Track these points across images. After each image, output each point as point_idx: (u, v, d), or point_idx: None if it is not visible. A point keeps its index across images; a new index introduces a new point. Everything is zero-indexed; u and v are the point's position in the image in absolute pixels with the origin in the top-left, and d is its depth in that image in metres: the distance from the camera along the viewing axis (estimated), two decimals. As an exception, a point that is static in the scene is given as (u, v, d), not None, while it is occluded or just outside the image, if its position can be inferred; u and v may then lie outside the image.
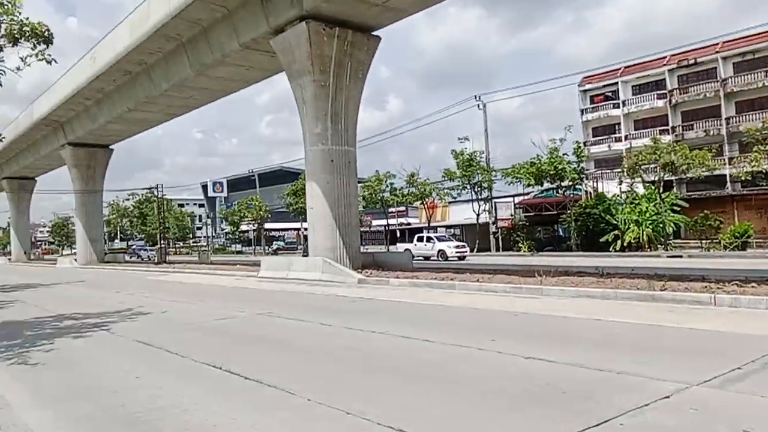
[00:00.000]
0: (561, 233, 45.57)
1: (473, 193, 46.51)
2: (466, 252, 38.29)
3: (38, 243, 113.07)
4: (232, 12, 25.43)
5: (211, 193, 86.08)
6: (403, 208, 60.68)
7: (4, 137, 13.53)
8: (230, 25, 25.97)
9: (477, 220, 46.48)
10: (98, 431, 5.50)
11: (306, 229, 33.94)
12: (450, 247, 37.94)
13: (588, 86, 55.86)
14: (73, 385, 7.45)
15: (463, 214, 51.41)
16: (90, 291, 23.45)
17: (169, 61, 31.45)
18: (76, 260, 52.50)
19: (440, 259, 36.47)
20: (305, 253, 36.29)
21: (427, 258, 37.67)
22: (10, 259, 75.49)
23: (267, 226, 72.60)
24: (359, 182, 30.88)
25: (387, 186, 54.25)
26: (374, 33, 24.73)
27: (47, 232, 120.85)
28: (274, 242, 71.80)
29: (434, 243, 38.91)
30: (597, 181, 45.49)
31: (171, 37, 28.90)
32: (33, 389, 7.30)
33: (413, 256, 33.12)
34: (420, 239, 40.17)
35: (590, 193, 43.95)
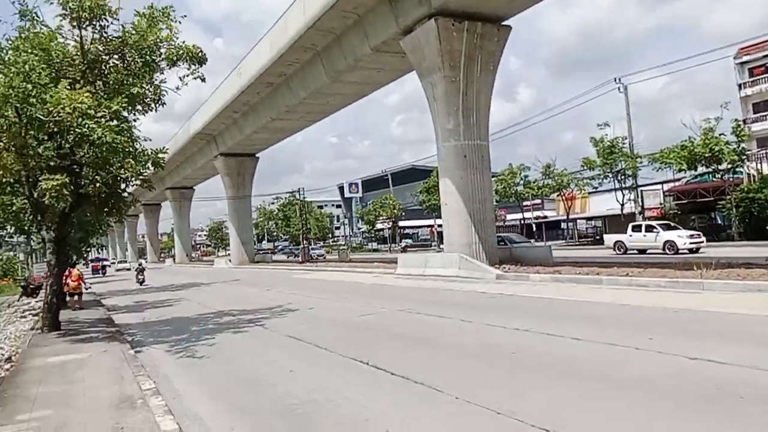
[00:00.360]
0: (719, 221, 41.43)
1: (616, 181, 43.75)
2: (702, 243, 30.16)
3: (197, 246, 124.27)
4: (363, 17, 26.14)
5: (347, 194, 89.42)
6: (538, 201, 58.73)
7: (167, 149, 14.94)
8: (361, 30, 26.72)
9: (621, 210, 43.65)
10: (261, 422, 5.88)
11: (440, 226, 33.98)
12: (682, 237, 29.83)
13: (746, 58, 50.16)
14: (234, 377, 8.06)
15: (605, 204, 48.52)
16: (244, 289, 25.31)
17: (306, 70, 33.05)
18: (230, 261, 56.97)
19: (667, 252, 29.37)
20: (440, 250, 36.37)
21: (642, 252, 31.29)
22: (174, 261, 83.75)
23: (401, 223, 73.89)
24: (492, 176, 30.33)
25: (521, 179, 52.80)
26: (504, 23, 24.18)
27: (205, 235, 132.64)
28: (402, 240, 72.76)
29: (658, 233, 31.05)
30: (761, 162, 40.75)
31: (307, 47, 30.35)
32: (201, 381, 8.00)
33: (626, 250, 31.60)
34: (637, 228, 32.53)
35: (753, 175, 39.48)
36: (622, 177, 43.18)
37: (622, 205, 43.53)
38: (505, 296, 15.22)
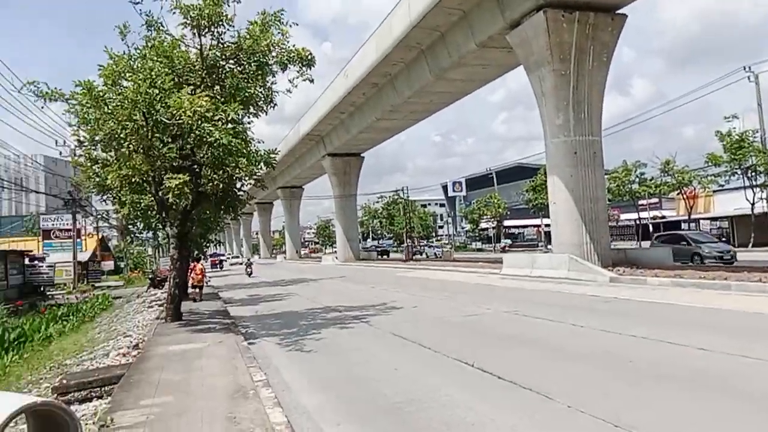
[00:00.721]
0: None
1: (745, 179, 40.04)
2: None
3: (306, 243, 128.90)
4: (468, 13, 25.79)
5: (450, 193, 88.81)
6: (655, 200, 55.12)
7: (278, 150, 15.47)
8: (466, 26, 26.37)
9: (752, 210, 39.95)
10: (365, 417, 5.89)
11: (548, 226, 32.83)
12: None
13: None
14: (341, 372, 8.17)
15: (732, 203, 44.56)
16: (349, 285, 25.84)
17: (411, 69, 33.16)
18: (336, 258, 58.52)
19: None
20: (547, 250, 35.14)
21: None
22: (285, 257, 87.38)
23: (506, 223, 72.34)
24: (605, 174, 28.82)
25: (636, 176, 49.73)
26: (619, 11, 22.87)
27: (313, 233, 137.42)
28: (502, 240, 70.89)
29: None
30: None
31: (412, 46, 30.43)
32: (308, 374, 8.18)
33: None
34: None
35: None
36: (753, 174, 39.47)
37: (753, 204, 39.81)
38: (620, 300, 14.36)
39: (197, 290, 21.16)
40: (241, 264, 62.29)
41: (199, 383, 7.27)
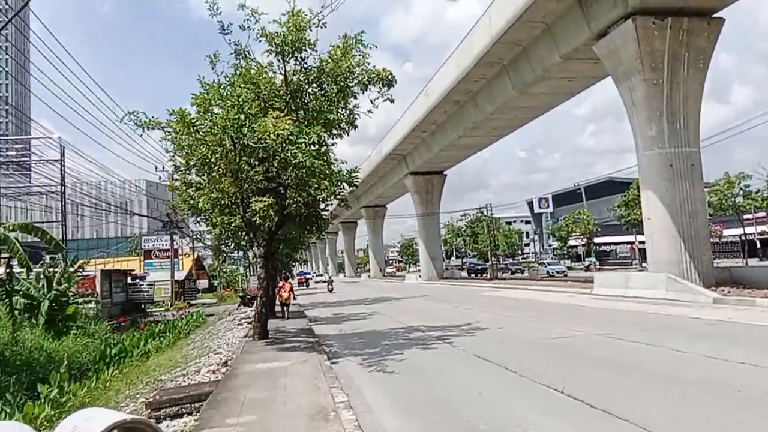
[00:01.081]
0: None
1: None
2: None
3: (390, 261, 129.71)
4: (551, 26, 25.19)
5: (536, 210, 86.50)
6: (763, 214, 51.09)
7: (359, 169, 15.62)
8: (550, 39, 25.76)
9: None
10: (448, 444, 5.69)
11: (642, 243, 31.14)
12: None
13: None
14: (423, 395, 7.99)
15: None
16: (432, 304, 25.56)
17: (492, 85, 32.77)
18: (420, 276, 58.31)
19: None
20: (642, 269, 33.28)
21: None
22: (369, 276, 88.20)
23: (597, 240, 69.41)
24: (704, 187, 27.03)
25: (740, 189, 46.36)
26: (715, 15, 21.54)
27: (396, 251, 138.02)
28: (587, 258, 67.37)
29: None
30: None
31: (493, 62, 30.09)
32: (390, 396, 8.06)
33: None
34: None
35: None
36: None
37: None
38: (725, 323, 13.27)
39: (285, 308, 21.78)
40: (324, 282, 64.29)
41: (282, 402, 7.33)
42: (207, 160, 12.66)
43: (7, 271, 16.79)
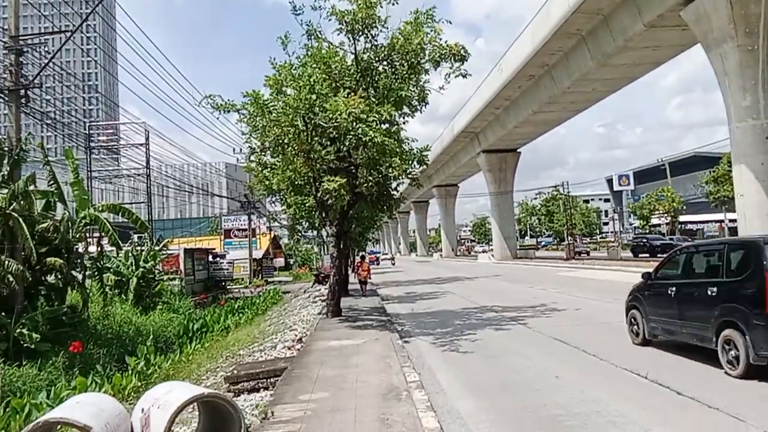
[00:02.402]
0: None
1: None
2: None
3: (462, 240, 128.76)
4: (634, -9, 23.81)
5: (616, 187, 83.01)
6: None
7: (430, 147, 15.40)
8: (632, 6, 24.34)
9: None
10: (523, 428, 5.51)
11: (732, 221, 29.26)
12: None
13: None
14: (496, 377, 7.81)
15: None
16: (505, 284, 25.11)
17: (570, 57, 31.45)
18: (492, 256, 57.51)
19: None
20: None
21: None
22: (441, 255, 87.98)
23: (682, 218, 65.90)
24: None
25: None
26: (822, -29, 19.63)
27: (468, 230, 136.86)
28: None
29: None
30: None
31: (571, 33, 28.82)
32: (463, 377, 7.93)
33: None
34: None
35: None
36: None
37: None
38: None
39: (364, 285, 23.02)
40: (389, 259, 74.59)
41: (354, 380, 7.37)
42: (280, 141, 12.83)
43: (98, 249, 17.80)
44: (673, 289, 8.14)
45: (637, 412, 5.72)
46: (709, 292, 7.22)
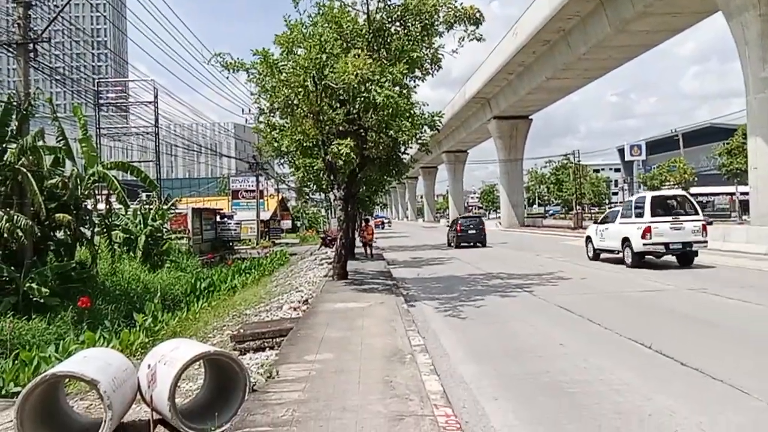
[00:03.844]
0: None
1: None
2: None
3: (470, 207, 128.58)
4: (656, -45, 23.08)
5: (628, 157, 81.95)
6: None
7: (443, 113, 15.18)
8: (653, -30, 23.68)
9: None
10: (526, 394, 5.53)
11: (743, 194, 28.96)
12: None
13: None
14: (500, 343, 7.83)
15: None
16: (512, 252, 25.10)
17: (587, 23, 30.74)
18: (500, 223, 57.45)
19: None
20: (741, 222, 31.03)
21: None
22: (448, 222, 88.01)
23: (693, 190, 65.29)
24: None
25: None
26: None
27: (477, 197, 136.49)
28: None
29: None
30: None
31: (589, -3, 28.15)
32: (467, 342, 7.96)
33: None
34: None
35: None
36: None
37: None
38: (839, 284, 12.16)
39: (369, 248, 24.01)
40: (388, 222, 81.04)
41: (359, 342, 7.41)
42: (289, 102, 12.67)
43: (107, 206, 17.86)
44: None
45: (640, 380, 5.72)
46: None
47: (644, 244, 15.46)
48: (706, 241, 15.78)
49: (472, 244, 28.34)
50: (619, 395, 5.31)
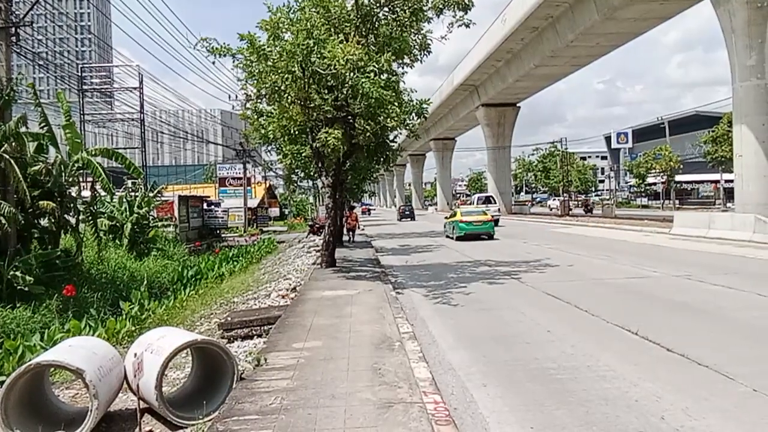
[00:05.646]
0: None
1: None
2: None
3: (457, 195, 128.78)
4: (644, -59, 23.05)
5: (614, 145, 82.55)
6: None
7: (431, 100, 15.11)
8: (641, -44, 23.64)
9: None
10: (514, 381, 5.55)
11: (728, 182, 29.25)
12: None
13: None
14: (488, 330, 7.86)
15: None
16: (500, 239, 25.16)
17: (575, 9, 30.70)
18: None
19: None
20: (725, 209, 31.39)
21: None
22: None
23: (678, 178, 65.88)
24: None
25: None
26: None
27: (464, 185, 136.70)
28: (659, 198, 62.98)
29: None
30: None
31: (578, -17, 28.09)
32: (455, 330, 7.98)
33: None
34: None
35: None
36: None
37: None
38: (821, 270, 12.33)
39: (351, 233, 25.62)
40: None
41: (347, 330, 7.40)
42: (277, 88, 12.53)
43: (92, 194, 17.64)
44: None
45: (626, 366, 5.77)
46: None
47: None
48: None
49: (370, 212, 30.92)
50: (606, 381, 5.36)
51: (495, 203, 39.02)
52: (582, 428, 4.36)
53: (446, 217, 28.96)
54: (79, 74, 42.15)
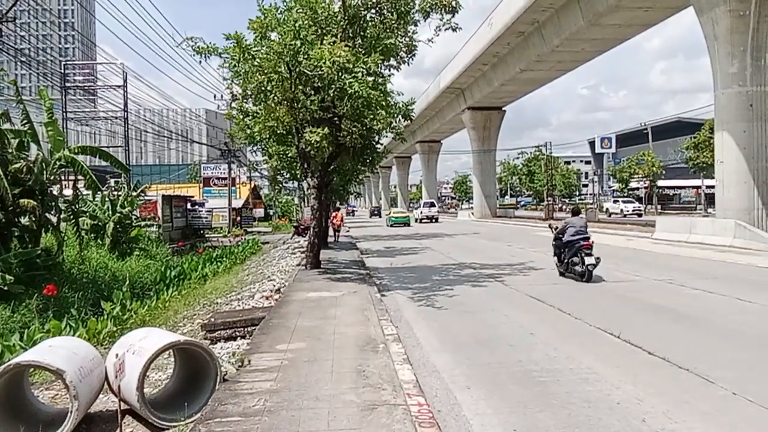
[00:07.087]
0: None
1: None
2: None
3: (443, 198, 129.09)
4: (630, -51, 23.31)
5: (598, 150, 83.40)
6: None
7: (415, 100, 15.14)
8: (627, -36, 23.91)
9: None
10: (497, 383, 5.58)
11: (709, 187, 29.65)
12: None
13: None
14: (472, 332, 7.88)
15: None
16: (485, 242, 25.30)
17: (561, 15, 30.94)
18: (472, 214, 57.84)
19: None
20: (706, 215, 31.78)
21: None
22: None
23: (660, 183, 66.65)
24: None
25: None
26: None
27: (450, 188, 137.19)
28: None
29: None
30: None
31: (564, -11, 28.33)
32: (439, 332, 7.99)
33: None
34: None
35: None
36: None
37: None
38: (799, 275, 12.54)
39: (337, 233, 26.82)
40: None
41: (331, 332, 7.38)
42: (263, 88, 12.47)
43: (74, 192, 17.40)
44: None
45: (608, 369, 5.83)
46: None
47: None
48: (437, 216, 50.57)
49: (353, 213, 42.00)
50: (588, 384, 5.40)
51: (436, 206, 56.04)
52: (565, 430, 4.39)
53: (386, 214, 53.31)
54: (62, 71, 41.66)
